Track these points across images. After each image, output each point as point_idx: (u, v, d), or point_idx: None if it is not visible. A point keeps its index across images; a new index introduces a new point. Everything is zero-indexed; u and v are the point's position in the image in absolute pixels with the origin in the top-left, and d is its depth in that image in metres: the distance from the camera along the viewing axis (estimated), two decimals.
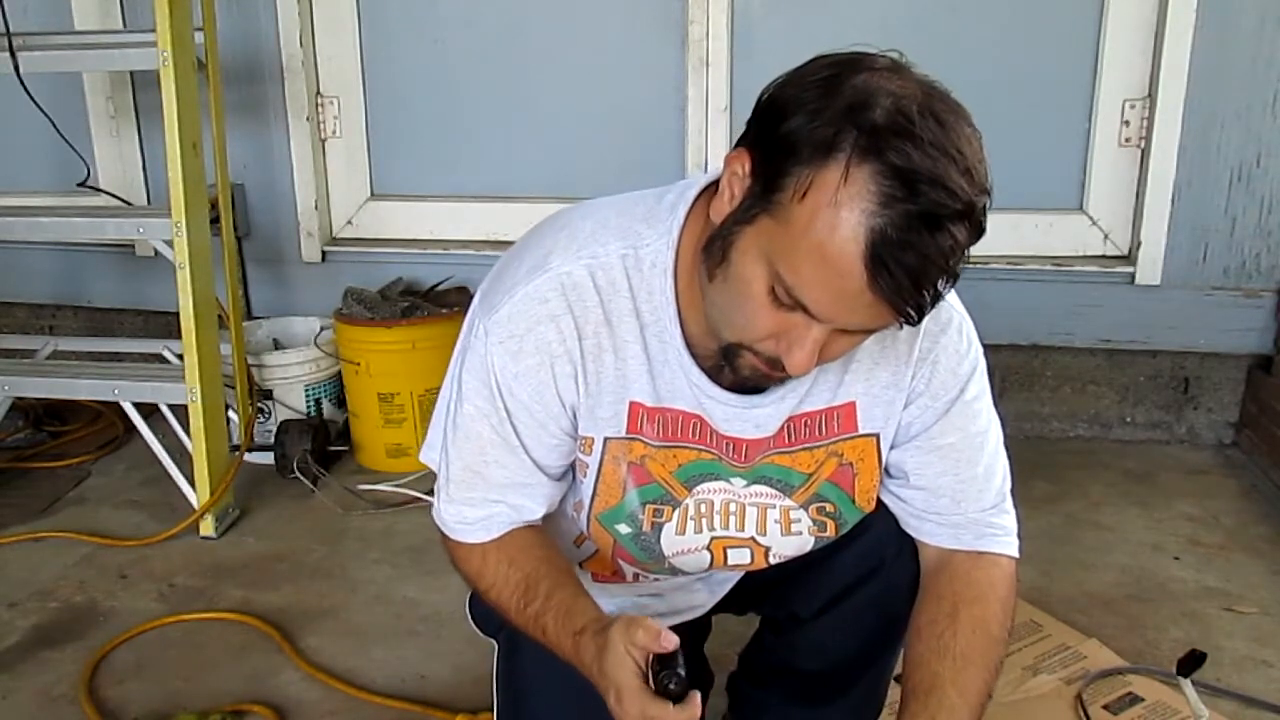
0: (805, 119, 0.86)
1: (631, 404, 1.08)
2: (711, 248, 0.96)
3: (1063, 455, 2.63)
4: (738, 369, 1.00)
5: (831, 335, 0.92)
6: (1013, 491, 1.19)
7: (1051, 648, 1.80)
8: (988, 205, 0.87)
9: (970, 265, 0.90)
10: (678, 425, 1.09)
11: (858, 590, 1.23)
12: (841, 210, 0.84)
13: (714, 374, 1.05)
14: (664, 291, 1.03)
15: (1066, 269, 2.57)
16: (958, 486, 1.13)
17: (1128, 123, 2.51)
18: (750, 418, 1.08)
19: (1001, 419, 1.19)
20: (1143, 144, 2.50)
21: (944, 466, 1.13)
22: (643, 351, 1.06)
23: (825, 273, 0.86)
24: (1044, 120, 2.55)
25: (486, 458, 1.11)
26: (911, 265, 0.84)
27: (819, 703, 1.34)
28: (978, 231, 0.87)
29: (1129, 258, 2.57)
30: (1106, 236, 2.59)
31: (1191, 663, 1.57)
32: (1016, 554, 1.17)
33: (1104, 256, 2.60)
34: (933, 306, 0.88)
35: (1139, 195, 2.53)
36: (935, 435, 1.12)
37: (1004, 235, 2.57)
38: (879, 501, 1.18)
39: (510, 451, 1.11)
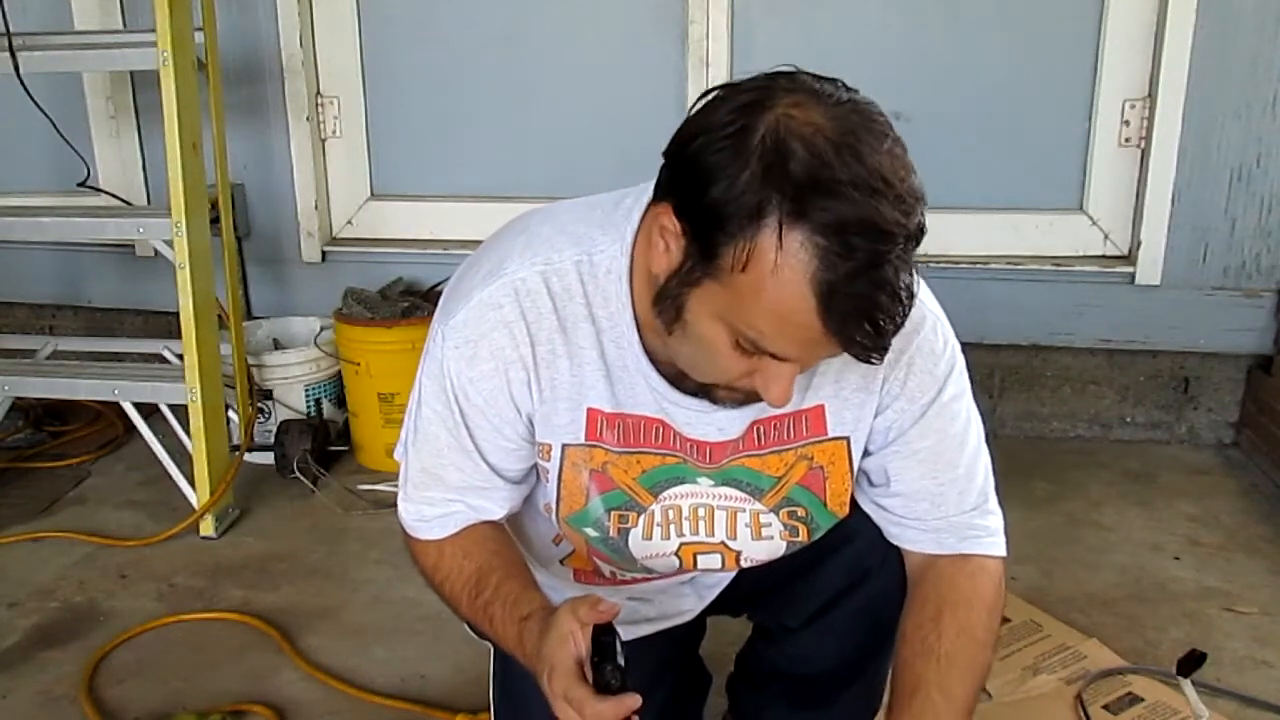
0: (726, 185, 0.84)
1: (589, 410, 1.08)
2: (663, 304, 0.95)
3: (1063, 455, 2.63)
4: (716, 398, 1.01)
5: None
6: (1013, 492, 1.18)
7: (1051, 648, 1.80)
8: (923, 209, 0.86)
9: (970, 265, 0.90)
10: (639, 430, 1.09)
11: (845, 599, 1.23)
12: (785, 275, 0.83)
13: (674, 379, 1.04)
14: (619, 297, 1.02)
15: (1066, 269, 2.57)
16: (937, 490, 1.12)
17: (1128, 123, 2.51)
18: (713, 420, 1.07)
19: (1001, 419, 1.19)
20: (1143, 144, 2.50)
21: (923, 470, 1.12)
22: (599, 358, 1.06)
23: (785, 327, 0.87)
24: (1044, 120, 2.55)
25: (443, 460, 1.12)
26: (866, 309, 0.84)
27: (816, 705, 1.34)
28: (920, 239, 0.87)
29: (1129, 258, 2.57)
30: (1106, 236, 2.59)
31: (1191, 663, 1.57)
32: (1003, 553, 1.16)
33: (1104, 256, 2.60)
34: (900, 328, 0.87)
35: (1139, 195, 2.53)
36: (913, 439, 1.11)
37: (1004, 235, 2.57)
38: (863, 510, 1.18)
39: (465, 455, 1.11)
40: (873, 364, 0.89)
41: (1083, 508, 2.37)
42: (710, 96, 0.89)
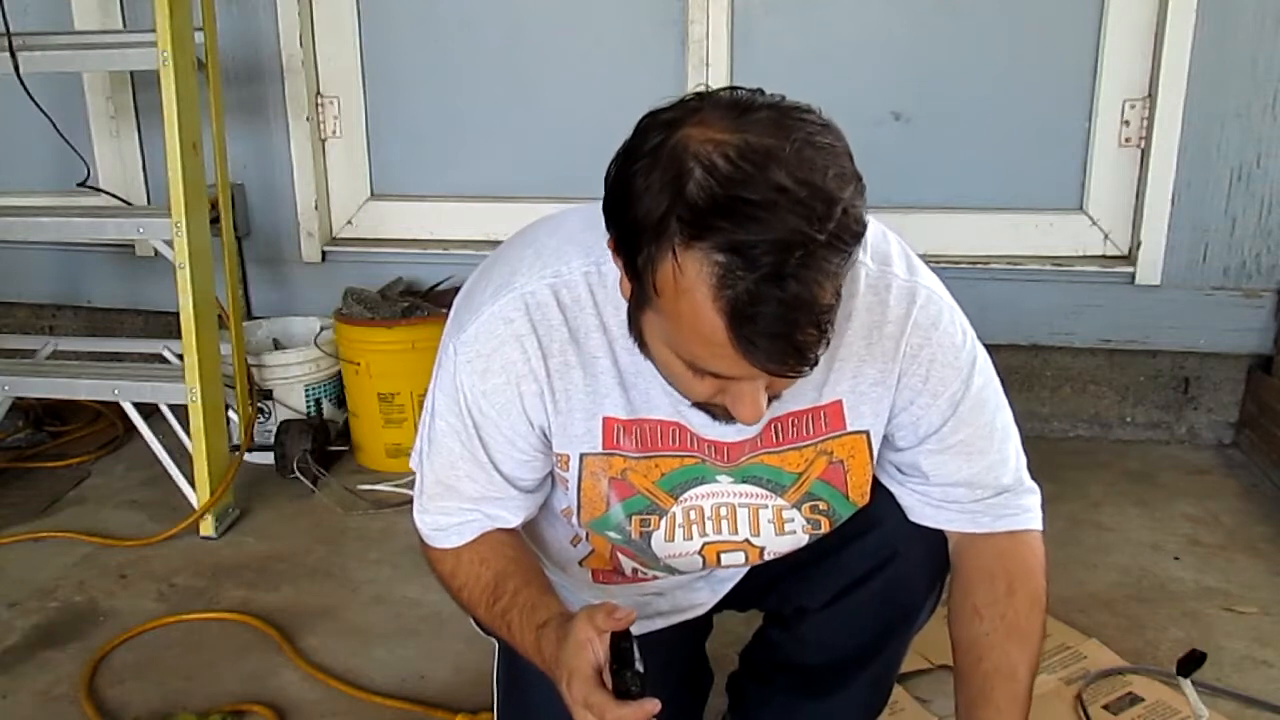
0: (636, 209, 0.85)
1: (605, 419, 1.08)
2: (631, 331, 0.97)
3: (1063, 455, 2.63)
4: (714, 415, 1.00)
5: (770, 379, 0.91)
6: None
7: (1051, 648, 1.79)
8: (847, 205, 0.81)
9: (970, 265, 0.89)
10: (657, 434, 1.09)
11: (868, 581, 1.23)
12: (692, 296, 0.82)
13: None
14: None
15: (1066, 269, 2.57)
16: (974, 476, 1.14)
17: (1128, 123, 2.51)
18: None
19: None
20: (1143, 144, 2.50)
21: (958, 464, 1.13)
22: (613, 365, 1.06)
23: (712, 350, 0.86)
24: (1044, 120, 2.55)
25: (458, 472, 1.13)
26: (777, 328, 0.81)
27: (823, 695, 1.33)
28: (849, 239, 0.82)
29: (1129, 258, 2.57)
30: (1106, 236, 2.59)
31: (1191, 663, 1.57)
32: (1040, 528, 1.19)
33: (1104, 256, 2.60)
34: (825, 340, 0.85)
35: (1139, 195, 2.53)
36: (947, 434, 1.12)
37: (1004, 235, 2.57)
38: (888, 493, 1.19)
39: (479, 467, 1.12)
40: (797, 376, 0.88)
41: (1083, 508, 2.37)
42: (640, 122, 0.89)
